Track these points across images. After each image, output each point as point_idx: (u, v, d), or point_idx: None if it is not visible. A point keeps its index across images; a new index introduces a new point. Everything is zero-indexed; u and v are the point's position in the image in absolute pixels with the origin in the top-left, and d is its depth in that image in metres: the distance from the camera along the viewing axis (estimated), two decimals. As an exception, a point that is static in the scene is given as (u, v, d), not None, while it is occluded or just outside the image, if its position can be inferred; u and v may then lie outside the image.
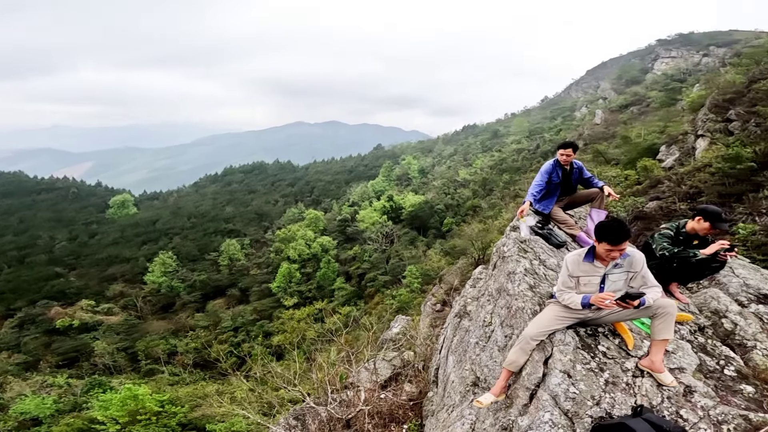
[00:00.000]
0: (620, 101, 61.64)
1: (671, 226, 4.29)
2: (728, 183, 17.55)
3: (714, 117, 24.15)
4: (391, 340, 8.47)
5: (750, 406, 3.21)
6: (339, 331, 7.72)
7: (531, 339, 3.24)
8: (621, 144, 36.72)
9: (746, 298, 4.59)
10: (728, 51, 57.15)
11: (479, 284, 5.95)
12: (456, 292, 11.18)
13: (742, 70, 30.14)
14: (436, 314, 11.91)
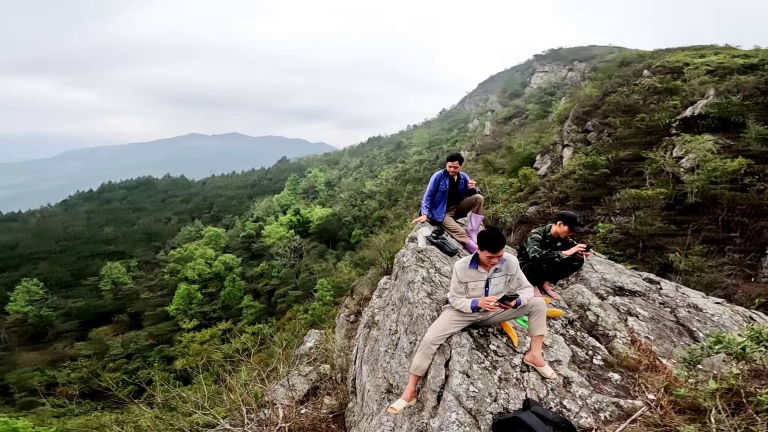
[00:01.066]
0: (505, 113, 66.64)
1: (540, 231, 4.83)
2: (588, 188, 20.61)
3: (576, 128, 27.53)
4: (306, 354, 8.36)
5: (619, 393, 3.50)
6: (250, 350, 7.42)
7: (431, 344, 3.46)
8: (506, 154, 40.11)
9: (605, 291, 5.30)
10: (587, 66, 63.89)
11: (384, 294, 6.14)
12: (368, 302, 11.35)
13: (597, 84, 34.35)
14: (351, 325, 11.98)
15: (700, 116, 19.76)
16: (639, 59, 34.04)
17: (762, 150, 16.13)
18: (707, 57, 26.08)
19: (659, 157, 18.86)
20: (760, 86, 19.55)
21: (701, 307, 5.33)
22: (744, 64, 22.77)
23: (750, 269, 13.31)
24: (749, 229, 14.12)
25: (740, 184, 15.53)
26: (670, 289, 5.71)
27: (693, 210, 16.05)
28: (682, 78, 24.73)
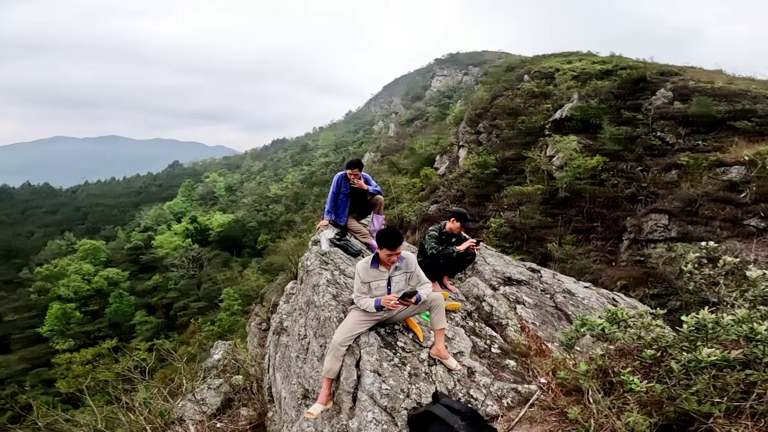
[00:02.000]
0: (408, 115, 68.38)
1: (436, 228, 5.09)
2: (481, 185, 22.28)
3: (470, 130, 29.16)
4: (215, 366, 7.88)
5: (517, 379, 3.69)
6: (147, 367, 6.78)
7: (339, 345, 3.47)
8: (409, 155, 41.19)
9: (497, 282, 5.69)
10: (480, 70, 66.80)
11: (292, 299, 6.01)
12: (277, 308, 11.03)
13: (487, 88, 36.31)
14: (263, 334, 11.50)
15: (566, 118, 22.11)
16: (522, 65, 36.42)
17: (614, 148, 18.94)
18: (573, 63, 28.85)
19: (536, 156, 21.02)
20: (614, 90, 22.51)
21: (573, 291, 6.00)
22: (601, 69, 25.62)
23: (611, 254, 15.71)
24: (608, 219, 16.69)
25: (599, 179, 18.21)
26: (549, 276, 6.37)
27: (564, 203, 18.34)
28: (554, 83, 27.23)
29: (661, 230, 14.41)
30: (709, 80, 20.85)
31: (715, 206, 13.72)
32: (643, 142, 18.75)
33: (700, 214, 13.93)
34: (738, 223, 13.10)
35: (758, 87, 19.61)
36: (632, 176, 17.56)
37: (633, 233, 15.28)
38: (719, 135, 17.00)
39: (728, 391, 1.92)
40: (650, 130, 19.26)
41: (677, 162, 16.58)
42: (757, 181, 13.59)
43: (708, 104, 17.83)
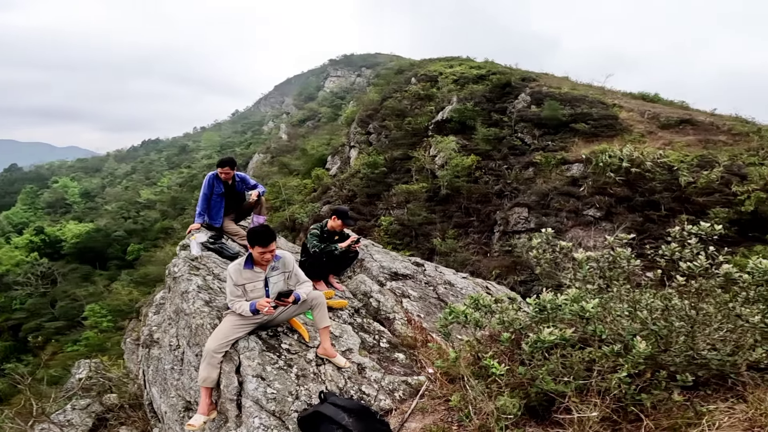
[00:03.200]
0: (300, 116, 66.99)
1: (318, 227, 5.07)
2: (371, 185, 22.86)
3: (360, 130, 29.77)
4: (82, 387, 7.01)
5: (406, 371, 3.72)
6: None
7: (214, 353, 3.27)
8: (300, 156, 40.55)
9: (384, 277, 5.77)
10: (373, 72, 67.94)
11: (162, 309, 5.53)
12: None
13: (378, 89, 37.31)
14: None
15: (447, 120, 23.65)
16: (411, 67, 38.26)
17: (486, 148, 20.91)
18: (454, 67, 30.83)
19: (421, 155, 22.15)
20: (486, 94, 24.62)
21: (453, 282, 6.41)
22: (477, 74, 27.74)
23: (486, 246, 17.43)
24: (482, 214, 18.51)
25: (474, 177, 20.02)
26: (431, 269, 6.76)
27: (445, 200, 19.74)
28: (437, 86, 28.84)
29: (523, 222, 16.47)
30: (558, 86, 24.00)
31: (562, 199, 16.15)
32: (507, 143, 20.98)
33: (551, 206, 16.24)
34: (579, 214, 15.62)
35: (594, 92, 23.37)
36: (500, 174, 19.66)
37: (502, 226, 17.17)
38: (564, 136, 19.78)
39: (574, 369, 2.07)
40: (513, 131, 21.55)
41: (533, 160, 18.96)
42: (593, 176, 16.35)
43: (556, 108, 20.54)
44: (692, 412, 1.80)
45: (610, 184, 15.58)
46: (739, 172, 14.23)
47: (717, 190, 14.01)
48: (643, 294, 2.34)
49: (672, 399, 1.86)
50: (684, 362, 1.89)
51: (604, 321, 2.29)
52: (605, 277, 2.52)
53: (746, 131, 17.02)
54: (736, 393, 1.84)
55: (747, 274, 1.78)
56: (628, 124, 19.44)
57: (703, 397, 1.93)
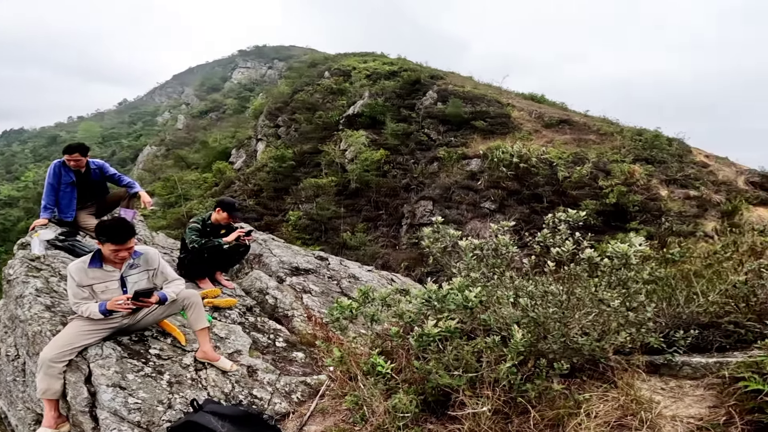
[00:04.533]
0: (201, 107, 63.35)
1: (198, 220, 4.61)
2: (279, 179, 22.21)
3: (269, 123, 29.06)
4: None
5: (305, 370, 3.59)
6: None
7: (51, 362, 2.80)
8: (200, 149, 38.29)
9: (284, 273, 5.56)
10: (285, 64, 66.21)
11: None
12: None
13: (290, 82, 36.61)
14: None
15: (358, 114, 23.87)
16: (324, 61, 37.83)
17: (394, 143, 21.41)
18: (368, 63, 31.18)
19: (331, 149, 22.13)
20: (397, 90, 25.26)
21: (358, 276, 6.42)
22: (389, 70, 28.34)
23: (394, 239, 17.87)
24: (390, 207, 18.93)
25: (382, 171, 20.42)
26: (336, 263, 6.69)
27: (355, 194, 19.87)
28: (350, 80, 28.97)
29: (428, 215, 17.18)
30: (462, 85, 25.41)
31: (462, 193, 17.19)
32: (415, 138, 21.72)
33: (453, 199, 17.20)
34: (477, 206, 16.77)
35: (493, 92, 25.13)
36: (407, 168, 20.32)
37: (409, 219, 17.75)
38: (465, 132, 20.99)
39: (465, 361, 2.06)
40: (420, 127, 22.40)
41: (437, 155, 19.90)
42: (488, 171, 17.65)
43: (459, 106, 21.73)
44: (572, 401, 1.87)
45: (502, 179, 16.93)
46: (605, 168, 16.46)
47: (587, 184, 16.03)
48: (524, 280, 2.44)
49: (552, 388, 1.91)
50: (560, 349, 1.98)
51: (491, 309, 2.35)
52: (489, 265, 2.58)
53: (611, 131, 19.76)
54: (607, 378, 1.98)
55: (608, 258, 1.91)
56: (519, 122, 21.25)
57: (580, 384, 2.04)
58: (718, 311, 2.56)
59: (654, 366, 2.11)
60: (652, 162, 16.93)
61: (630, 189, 15.32)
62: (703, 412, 1.65)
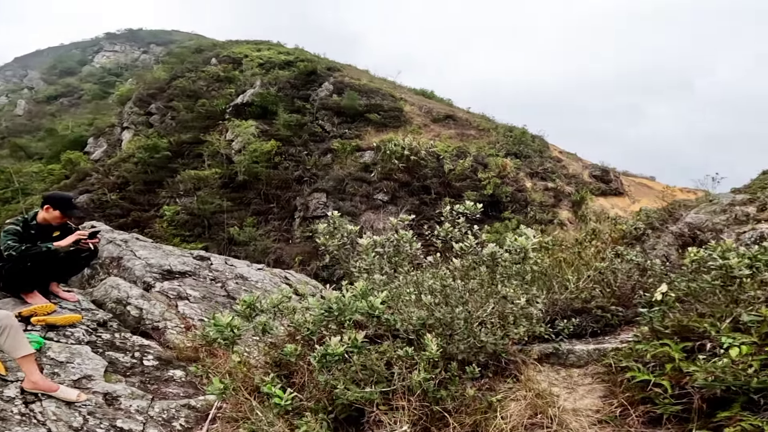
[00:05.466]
0: (50, 92, 56.54)
1: (18, 221, 3.75)
2: (150, 171, 19.85)
3: (138, 110, 26.57)
4: None
5: (189, 391, 3.21)
6: None
7: None
8: (46, 137, 33.70)
9: (152, 278, 4.83)
10: (165, 49, 61.25)
11: None
12: None
13: (168, 67, 33.75)
14: None
15: (247, 104, 22.90)
16: (212, 48, 35.77)
17: (287, 134, 20.71)
18: (262, 51, 29.82)
19: (215, 140, 20.72)
20: (291, 80, 24.62)
21: (247, 276, 5.95)
22: (285, 60, 27.42)
23: (287, 233, 17.19)
24: (282, 200, 18.17)
25: (273, 162, 19.54)
26: (220, 263, 6.07)
27: (243, 186, 18.77)
28: (240, 69, 27.61)
29: (322, 207, 16.91)
30: (358, 78, 25.66)
31: (356, 184, 17.31)
32: (309, 129, 21.32)
33: (346, 191, 17.22)
34: (370, 198, 17.03)
35: (387, 86, 25.76)
36: (299, 160, 19.76)
37: (302, 212, 17.28)
38: (359, 125, 21.19)
39: (376, 371, 1.93)
40: (314, 118, 22.09)
41: (331, 147, 19.79)
42: (381, 163, 18.02)
43: (354, 98, 21.87)
44: (485, 403, 1.85)
45: (395, 171, 17.46)
46: (483, 162, 18.03)
47: (468, 177, 17.40)
48: (425, 275, 2.36)
49: (467, 394, 1.87)
50: (467, 348, 1.93)
51: (395, 309, 2.22)
52: (392, 263, 2.45)
53: (488, 127, 21.76)
54: (510, 372, 2.00)
55: (507, 253, 1.90)
56: (410, 116, 22.19)
57: (489, 383, 2.03)
58: (587, 297, 2.82)
59: (545, 356, 2.21)
60: (519, 156, 19.06)
61: (503, 181, 17.03)
62: (597, 403, 1.74)
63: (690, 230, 6.01)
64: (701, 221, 6.01)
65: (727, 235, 5.03)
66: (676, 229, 6.70)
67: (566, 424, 1.63)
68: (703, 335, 1.65)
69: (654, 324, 1.81)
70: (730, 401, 1.41)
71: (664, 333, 1.73)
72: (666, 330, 1.74)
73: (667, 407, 1.51)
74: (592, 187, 18.71)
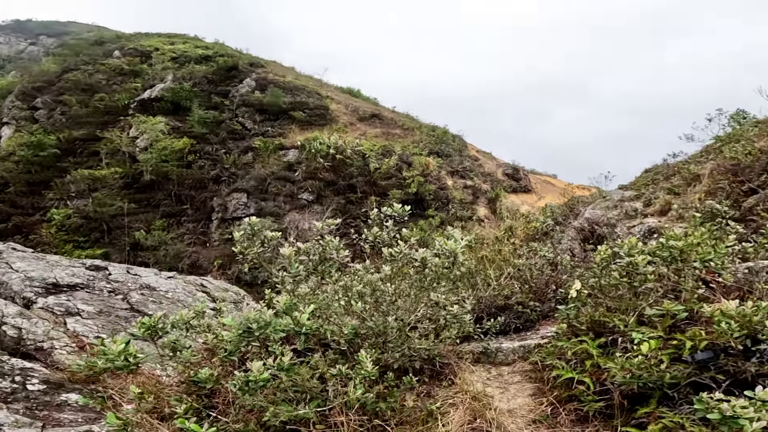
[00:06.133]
0: None
1: None
2: (34, 170, 17.34)
3: (21, 104, 24.10)
4: None
5: (88, 416, 2.91)
6: None
7: None
8: None
9: (34, 293, 4.31)
10: (57, 41, 55.37)
11: None
12: None
13: (59, 59, 30.92)
14: None
15: (156, 99, 21.29)
16: (116, 40, 33.01)
17: (202, 131, 19.45)
18: (176, 45, 28.10)
19: (116, 137, 18.87)
20: (209, 75, 23.29)
21: (155, 285, 5.45)
22: (202, 54, 26.10)
23: (204, 236, 16.01)
24: (197, 201, 16.89)
25: (186, 161, 18.13)
26: (120, 272, 5.49)
27: (150, 187, 17.20)
28: (149, 62, 25.68)
29: (242, 208, 16.07)
30: (283, 75, 24.93)
31: (279, 184, 16.75)
32: (227, 126, 20.26)
33: (269, 191, 16.58)
34: (295, 198, 16.56)
35: (313, 84, 25.32)
36: (217, 158, 18.59)
37: (220, 213, 16.26)
38: (283, 123, 20.62)
39: (309, 388, 1.83)
40: (234, 115, 21.07)
41: (252, 145, 18.97)
42: (306, 162, 17.60)
43: (278, 95, 21.23)
44: (426, 413, 1.82)
45: (320, 170, 17.16)
46: (408, 161, 18.45)
47: (394, 175, 17.70)
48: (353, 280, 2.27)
49: (407, 405, 1.83)
50: (402, 357, 1.88)
51: (326, 321, 2.09)
52: (317, 271, 2.30)
53: (413, 127, 22.35)
54: (445, 375, 1.99)
55: (437, 257, 1.87)
56: (336, 115, 22.04)
57: (427, 390, 2.00)
58: (508, 294, 2.95)
59: (476, 355, 2.24)
60: (441, 155, 19.85)
61: (426, 179, 17.58)
62: (529, 402, 1.79)
63: (589, 225, 6.66)
64: (597, 216, 6.67)
65: (619, 229, 5.63)
66: (577, 224, 7.40)
67: (504, 426, 1.65)
68: (614, 330, 1.76)
69: (571, 320, 1.91)
70: (648, 397, 1.51)
71: (580, 329, 1.83)
72: (581, 326, 1.84)
73: (591, 404, 1.58)
74: (505, 184, 20.11)
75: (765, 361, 1.54)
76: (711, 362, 1.57)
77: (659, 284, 1.88)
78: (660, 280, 1.89)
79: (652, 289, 1.91)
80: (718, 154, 7.45)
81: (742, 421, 1.25)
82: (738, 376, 1.51)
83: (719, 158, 6.84)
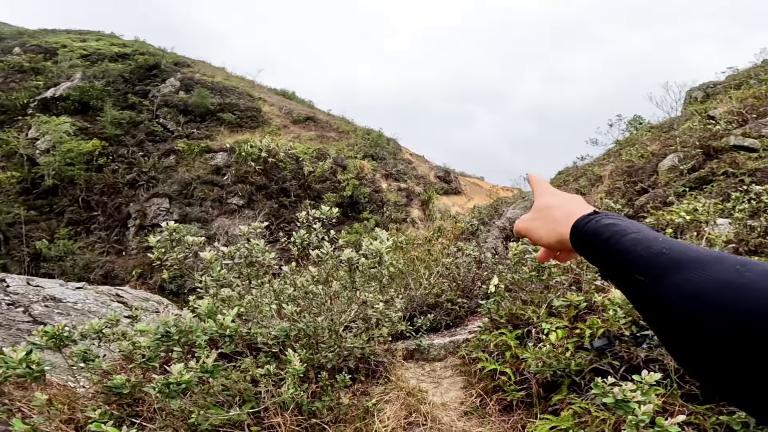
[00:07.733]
0: None
1: None
2: None
3: None
4: None
5: None
6: None
7: None
8: None
9: None
10: None
11: None
12: None
13: None
14: None
15: (61, 98, 19.32)
16: (16, 36, 29.08)
17: (115, 133, 17.83)
18: (89, 42, 25.73)
19: (12, 137, 16.72)
20: (125, 74, 21.42)
21: (61, 297, 4.99)
22: (119, 52, 24.06)
23: (119, 244, 14.61)
24: (109, 207, 15.38)
25: (96, 164, 16.45)
26: (20, 284, 4.95)
27: (53, 192, 15.38)
28: (55, 59, 23.26)
29: (164, 214, 14.93)
30: (212, 75, 23.64)
31: (206, 188, 15.81)
32: (145, 128, 18.73)
33: (194, 196, 15.58)
34: (224, 202, 15.74)
35: (245, 85, 24.24)
36: (133, 161, 17.09)
37: (138, 219, 14.96)
38: (210, 124, 19.58)
39: (240, 391, 1.79)
40: (154, 116, 19.58)
41: (175, 148, 17.69)
42: (236, 165, 16.83)
43: (205, 96, 20.10)
44: (363, 410, 1.82)
45: (251, 173, 16.50)
46: (342, 164, 18.40)
47: (328, 178, 17.55)
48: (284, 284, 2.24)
49: (343, 403, 1.83)
50: (335, 356, 1.88)
51: (255, 323, 2.04)
52: (243, 275, 2.24)
53: (348, 129, 22.31)
54: (380, 374, 2.01)
55: (364, 257, 1.90)
56: (269, 117, 21.33)
57: (363, 389, 2.00)
58: (438, 292, 3.07)
59: (409, 352, 2.30)
60: (376, 158, 20.06)
61: (361, 182, 17.66)
62: (460, 395, 1.87)
63: (510, 224, 7.14)
64: (517, 216, 7.17)
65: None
66: (500, 224, 7.89)
67: (438, 419, 1.71)
68: (528, 322, 1.91)
69: (492, 314, 2.04)
70: (559, 384, 1.64)
71: (501, 322, 1.96)
72: (501, 319, 1.97)
73: (514, 394, 1.69)
74: (437, 186, 20.82)
75: (653, 346, 1.75)
76: (607, 349, 1.75)
77: (565, 277, 2.08)
78: (565, 273, 2.10)
79: (560, 282, 2.10)
80: (617, 157, 8.39)
81: (633, 404, 1.34)
82: (631, 362, 1.68)
83: (618, 161, 7.71)
